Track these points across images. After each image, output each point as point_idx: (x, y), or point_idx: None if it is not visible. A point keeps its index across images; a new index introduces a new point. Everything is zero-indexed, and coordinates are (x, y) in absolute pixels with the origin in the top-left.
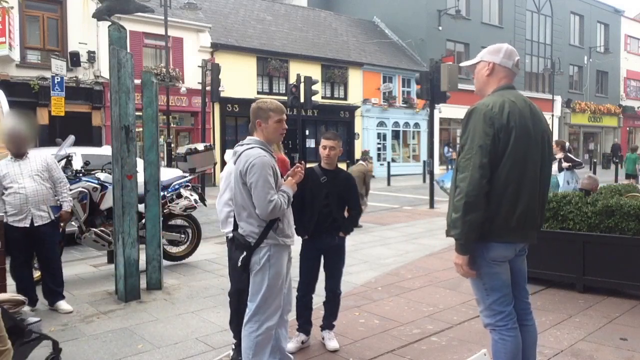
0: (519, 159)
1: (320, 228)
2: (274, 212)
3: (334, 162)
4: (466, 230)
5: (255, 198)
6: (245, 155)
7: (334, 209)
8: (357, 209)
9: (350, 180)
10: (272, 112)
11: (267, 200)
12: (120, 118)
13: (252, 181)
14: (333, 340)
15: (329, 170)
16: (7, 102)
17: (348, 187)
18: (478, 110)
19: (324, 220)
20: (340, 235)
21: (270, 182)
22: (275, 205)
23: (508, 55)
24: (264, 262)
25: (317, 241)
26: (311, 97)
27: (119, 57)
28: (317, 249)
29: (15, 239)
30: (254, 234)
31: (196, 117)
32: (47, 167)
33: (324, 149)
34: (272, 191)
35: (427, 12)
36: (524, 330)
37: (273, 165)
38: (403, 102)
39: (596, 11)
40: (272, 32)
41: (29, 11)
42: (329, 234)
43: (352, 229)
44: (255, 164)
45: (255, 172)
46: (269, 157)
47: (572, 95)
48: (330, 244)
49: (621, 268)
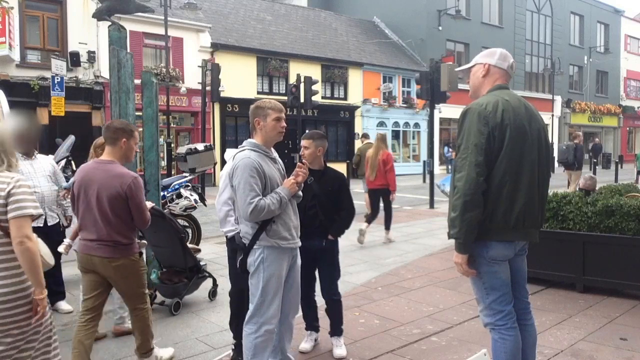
0: (514, 157)
1: (307, 230)
2: (256, 215)
3: (317, 161)
4: (465, 229)
5: (237, 200)
6: (235, 157)
7: (320, 210)
8: (348, 209)
9: (339, 179)
10: (270, 110)
11: (246, 203)
12: (120, 118)
13: (235, 183)
14: (340, 348)
15: (316, 171)
16: (8, 103)
17: (337, 186)
18: (472, 110)
19: (311, 222)
20: (330, 238)
21: (251, 183)
22: (256, 208)
23: (503, 58)
24: (257, 264)
25: (306, 243)
26: (311, 97)
27: (119, 57)
28: (307, 251)
29: None
30: (248, 235)
31: (196, 117)
32: (54, 170)
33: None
34: (253, 193)
35: (427, 12)
36: (524, 330)
37: (258, 166)
38: (403, 102)
39: (596, 11)
40: (272, 32)
41: (29, 11)
42: (316, 237)
43: (342, 232)
44: (238, 166)
45: (237, 175)
46: (256, 159)
47: (572, 95)
48: (318, 247)
49: (621, 268)
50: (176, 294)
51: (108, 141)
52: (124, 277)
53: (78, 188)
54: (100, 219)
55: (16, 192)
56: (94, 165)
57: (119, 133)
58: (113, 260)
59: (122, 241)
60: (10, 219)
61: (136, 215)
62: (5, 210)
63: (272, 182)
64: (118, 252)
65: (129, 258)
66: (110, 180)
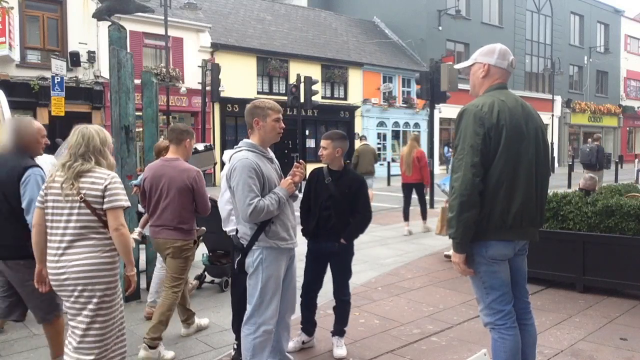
0: (511, 156)
1: (319, 232)
2: (255, 216)
3: (336, 162)
4: (462, 229)
5: (236, 201)
6: (232, 158)
7: (334, 212)
8: (364, 213)
9: (357, 181)
10: (269, 110)
11: (245, 204)
12: (120, 118)
13: (233, 185)
14: (340, 348)
15: (335, 171)
16: (8, 103)
17: (355, 189)
18: (468, 111)
19: (324, 224)
20: (342, 242)
21: (249, 184)
22: (256, 209)
23: (502, 56)
24: (256, 265)
25: (318, 244)
26: (311, 97)
27: (119, 57)
28: (318, 252)
29: None
30: (247, 236)
31: (196, 117)
32: None
33: (321, 148)
34: (252, 194)
35: (427, 12)
36: (524, 330)
37: (256, 167)
38: (403, 102)
39: (596, 11)
40: (272, 32)
41: (29, 11)
42: (328, 239)
43: (355, 236)
44: (236, 167)
45: (235, 176)
46: (254, 159)
47: (572, 95)
48: (330, 250)
49: (621, 268)
50: (224, 273)
51: (174, 141)
52: (175, 257)
53: (149, 183)
54: (168, 207)
55: (111, 187)
56: (162, 163)
57: (184, 134)
58: (173, 242)
59: (184, 227)
60: (106, 209)
61: (200, 204)
62: (102, 201)
63: (270, 182)
64: (178, 235)
65: (185, 241)
66: (179, 174)
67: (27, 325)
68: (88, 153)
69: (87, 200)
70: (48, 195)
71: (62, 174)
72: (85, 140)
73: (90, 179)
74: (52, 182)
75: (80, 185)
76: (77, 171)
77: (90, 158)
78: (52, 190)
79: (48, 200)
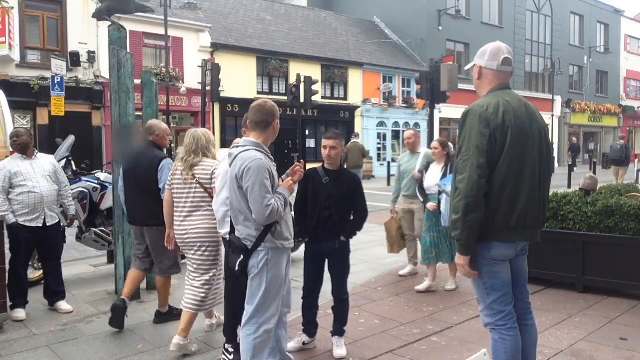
0: (516, 157)
1: (319, 231)
2: (272, 217)
3: (337, 162)
4: (467, 231)
5: (252, 203)
6: (240, 158)
7: (334, 212)
8: (362, 211)
9: (355, 180)
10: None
11: (264, 205)
12: (120, 118)
13: (248, 185)
14: (340, 348)
15: (332, 171)
16: (8, 103)
17: (352, 187)
18: (473, 112)
19: (324, 223)
20: (342, 239)
21: (267, 185)
22: (273, 210)
23: (492, 56)
24: (262, 266)
25: (318, 245)
26: (311, 97)
27: (119, 57)
28: (318, 252)
29: (26, 239)
30: (252, 237)
31: (196, 117)
32: (55, 169)
33: (325, 149)
34: (269, 195)
35: (427, 12)
36: (524, 330)
37: (269, 168)
38: (403, 102)
39: (596, 11)
40: (272, 32)
41: (29, 11)
42: (328, 238)
43: (354, 234)
44: (251, 167)
45: (251, 176)
46: (266, 160)
47: (572, 95)
48: (330, 249)
49: (621, 268)
50: None
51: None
52: None
53: None
54: None
55: (216, 172)
56: None
57: None
58: None
59: None
60: (214, 188)
61: None
62: (211, 181)
63: (276, 183)
64: None
65: None
66: None
67: (27, 325)
68: (198, 149)
69: (200, 182)
70: (173, 180)
71: (182, 165)
72: (195, 140)
73: (201, 167)
74: (175, 170)
75: (195, 172)
76: (191, 163)
77: (199, 153)
78: (176, 176)
79: (174, 184)
